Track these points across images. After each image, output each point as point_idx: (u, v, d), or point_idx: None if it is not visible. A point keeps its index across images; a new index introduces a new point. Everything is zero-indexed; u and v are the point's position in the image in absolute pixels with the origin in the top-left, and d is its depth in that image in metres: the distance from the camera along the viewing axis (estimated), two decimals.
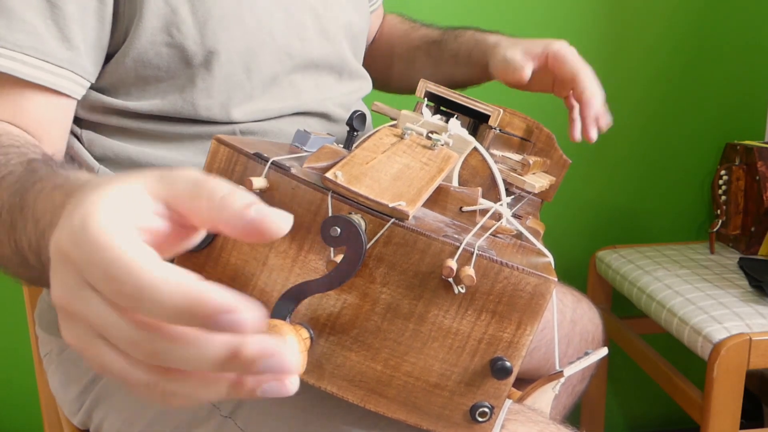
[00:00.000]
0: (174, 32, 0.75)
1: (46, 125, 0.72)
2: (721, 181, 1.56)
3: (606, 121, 0.83)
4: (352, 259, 0.51)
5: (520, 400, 0.71)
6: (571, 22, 1.60)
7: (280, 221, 0.37)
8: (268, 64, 0.81)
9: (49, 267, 0.42)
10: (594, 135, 0.80)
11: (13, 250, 0.57)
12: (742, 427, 1.23)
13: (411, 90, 1.07)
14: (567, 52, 0.83)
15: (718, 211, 1.56)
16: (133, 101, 0.78)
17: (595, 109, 0.80)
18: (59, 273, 0.37)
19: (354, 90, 0.95)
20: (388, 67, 1.11)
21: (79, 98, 0.74)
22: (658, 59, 1.66)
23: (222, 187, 0.37)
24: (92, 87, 0.77)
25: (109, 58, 0.76)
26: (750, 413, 1.65)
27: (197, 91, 0.78)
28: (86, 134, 0.80)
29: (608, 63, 1.64)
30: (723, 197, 1.56)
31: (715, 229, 1.55)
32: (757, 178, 1.47)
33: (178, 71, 0.77)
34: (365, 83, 0.98)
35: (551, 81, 0.90)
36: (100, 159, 0.80)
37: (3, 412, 1.58)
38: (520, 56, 0.84)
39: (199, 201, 0.37)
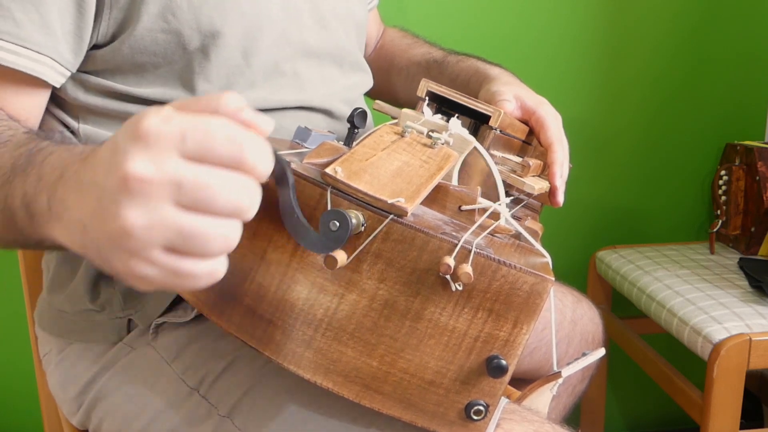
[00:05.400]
0: (170, 18, 0.75)
1: (23, 113, 0.72)
2: (721, 182, 1.56)
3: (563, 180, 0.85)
4: (327, 242, 0.51)
5: (518, 400, 0.71)
6: (573, 24, 1.60)
7: (262, 122, 0.45)
8: (266, 49, 0.81)
9: (39, 223, 0.52)
10: (558, 203, 0.82)
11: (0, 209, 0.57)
12: (742, 427, 1.22)
13: (408, 103, 1.07)
14: (550, 122, 0.84)
15: (718, 212, 1.56)
16: (132, 86, 0.78)
17: (555, 183, 0.81)
18: (142, 153, 0.42)
19: (356, 83, 0.95)
20: (387, 80, 1.11)
21: (58, 86, 0.75)
22: (659, 60, 1.66)
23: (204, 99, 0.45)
24: (90, 72, 0.77)
25: (104, 45, 0.76)
26: (750, 413, 1.65)
27: (195, 75, 0.78)
28: (83, 128, 0.79)
29: (610, 64, 1.64)
30: (723, 197, 1.56)
31: (715, 230, 1.55)
32: (757, 178, 1.47)
33: (175, 57, 0.77)
34: (366, 77, 0.98)
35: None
36: None
37: (3, 412, 1.58)
38: (508, 96, 0.84)
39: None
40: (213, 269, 0.45)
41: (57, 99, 0.80)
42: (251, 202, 0.44)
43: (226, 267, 0.45)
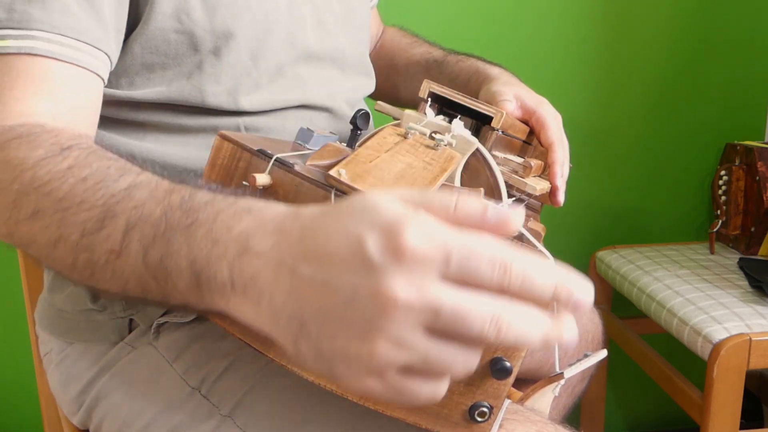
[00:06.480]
0: (184, 18, 0.75)
1: (84, 109, 0.69)
2: (721, 182, 1.56)
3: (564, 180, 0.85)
4: None
5: (520, 401, 0.71)
6: (573, 24, 1.60)
7: (515, 218, 0.42)
8: (272, 52, 0.81)
9: (211, 292, 0.47)
10: (559, 202, 0.82)
11: (141, 267, 0.50)
12: (742, 427, 1.23)
13: (408, 102, 1.07)
14: (551, 121, 0.84)
15: (718, 212, 1.56)
16: (137, 90, 0.77)
17: (556, 183, 0.82)
18: (405, 277, 0.39)
19: (360, 86, 0.95)
20: (386, 79, 1.11)
21: (105, 83, 0.72)
22: (658, 59, 1.66)
23: (447, 200, 0.42)
24: None
25: None
26: (750, 413, 1.65)
27: (205, 76, 0.77)
28: None
29: (610, 64, 1.64)
30: (723, 197, 1.56)
31: (715, 230, 1.55)
32: (757, 178, 1.47)
33: (186, 58, 0.77)
34: (369, 81, 0.98)
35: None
36: None
37: (3, 411, 1.58)
38: (509, 96, 0.84)
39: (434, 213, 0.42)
40: (438, 391, 0.43)
41: None
42: (519, 334, 0.41)
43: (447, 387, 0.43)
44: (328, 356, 0.42)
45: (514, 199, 0.76)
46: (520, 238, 0.65)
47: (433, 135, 0.66)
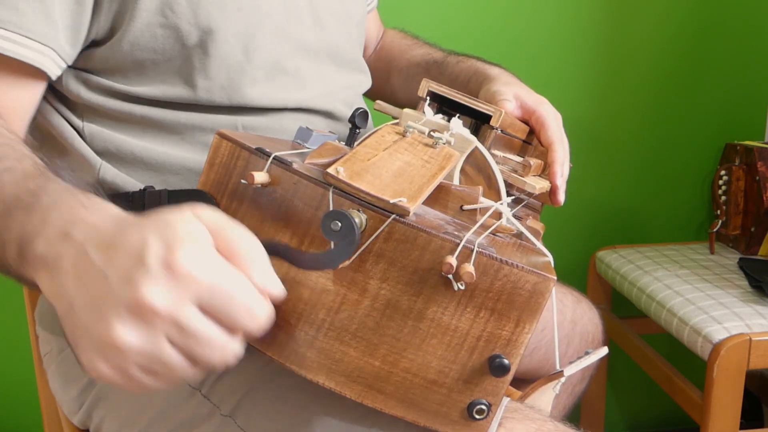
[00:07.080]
0: (168, 13, 0.75)
1: (15, 106, 0.72)
2: (721, 181, 1.56)
3: (564, 180, 0.85)
4: (342, 251, 0.52)
5: (520, 399, 0.71)
6: (573, 24, 1.60)
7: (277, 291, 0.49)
8: (266, 46, 0.81)
9: (28, 263, 0.52)
10: (559, 201, 0.83)
11: None
12: (742, 427, 1.23)
13: (407, 103, 1.07)
14: (551, 121, 0.85)
15: (718, 212, 1.56)
16: (134, 87, 0.78)
17: (556, 182, 0.82)
18: (165, 285, 0.44)
19: (354, 83, 0.95)
20: (387, 80, 1.11)
21: (54, 79, 0.74)
22: (658, 58, 1.66)
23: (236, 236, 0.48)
24: (91, 71, 0.77)
25: (103, 42, 0.76)
26: (750, 413, 1.65)
27: (195, 71, 0.78)
28: (88, 127, 0.79)
29: (610, 64, 1.64)
30: (723, 197, 1.56)
31: (715, 230, 1.56)
32: (757, 178, 1.47)
33: (174, 53, 0.77)
34: (364, 78, 0.98)
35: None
36: (101, 153, 0.80)
37: (3, 411, 1.58)
38: (508, 95, 0.85)
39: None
40: (156, 387, 0.48)
41: (62, 97, 0.80)
42: (223, 362, 0.48)
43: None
44: (80, 337, 0.47)
45: (513, 197, 0.76)
46: (519, 236, 0.65)
47: (432, 133, 0.66)
